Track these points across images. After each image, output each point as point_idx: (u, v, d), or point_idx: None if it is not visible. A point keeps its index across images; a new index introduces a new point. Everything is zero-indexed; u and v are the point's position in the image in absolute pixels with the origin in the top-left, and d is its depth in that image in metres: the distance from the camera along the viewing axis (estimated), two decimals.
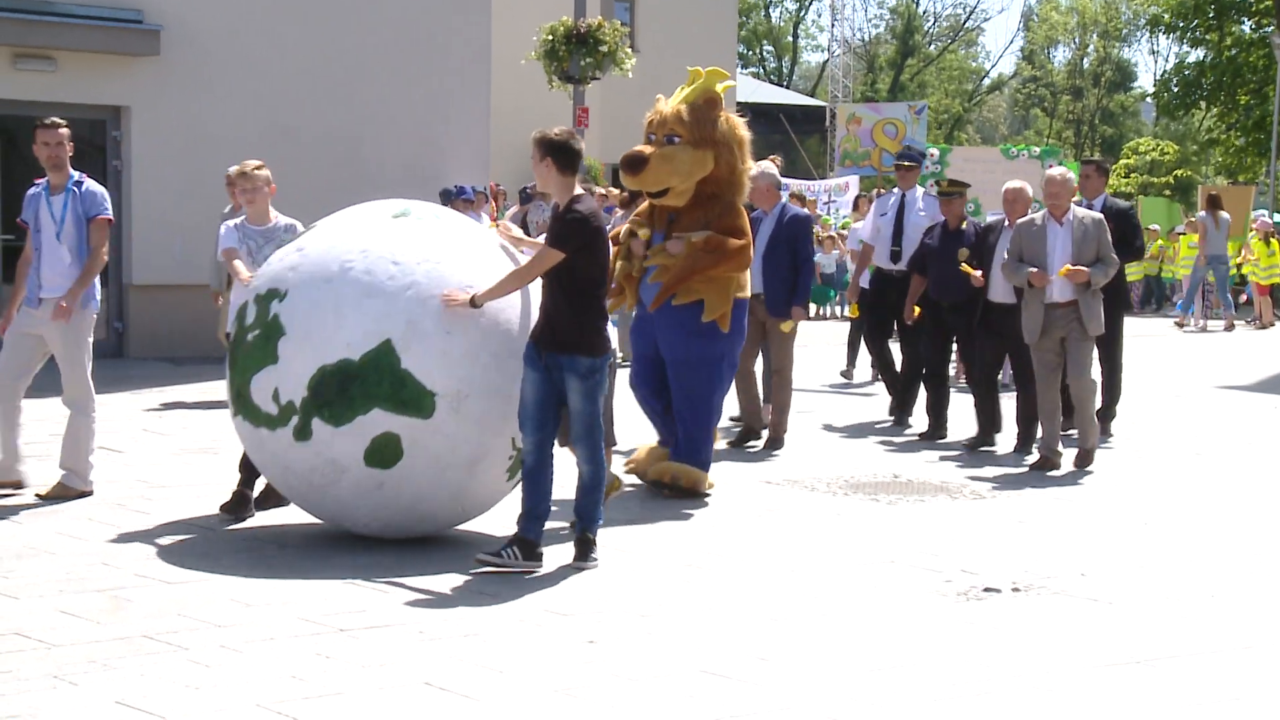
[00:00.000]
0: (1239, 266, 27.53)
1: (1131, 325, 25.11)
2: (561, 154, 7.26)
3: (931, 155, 19.61)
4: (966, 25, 70.99)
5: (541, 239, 7.81)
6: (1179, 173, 52.57)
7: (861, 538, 8.22)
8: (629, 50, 21.35)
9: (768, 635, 6.21)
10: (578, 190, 7.33)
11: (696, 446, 9.26)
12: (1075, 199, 10.84)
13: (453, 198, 17.35)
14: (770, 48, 70.34)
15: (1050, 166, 20.41)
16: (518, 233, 8.24)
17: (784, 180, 31.31)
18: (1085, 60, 68.78)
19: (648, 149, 9.20)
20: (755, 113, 39.27)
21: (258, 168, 8.84)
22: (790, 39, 70.27)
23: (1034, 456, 10.68)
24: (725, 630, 6.27)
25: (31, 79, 15.90)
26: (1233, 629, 6.48)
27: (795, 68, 71.12)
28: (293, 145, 17.00)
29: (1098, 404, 11.63)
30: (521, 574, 7.09)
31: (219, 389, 9.56)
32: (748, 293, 9.59)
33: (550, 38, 20.49)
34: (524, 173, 24.69)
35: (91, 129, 16.73)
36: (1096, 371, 10.96)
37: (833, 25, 65.97)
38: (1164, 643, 6.22)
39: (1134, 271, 28.28)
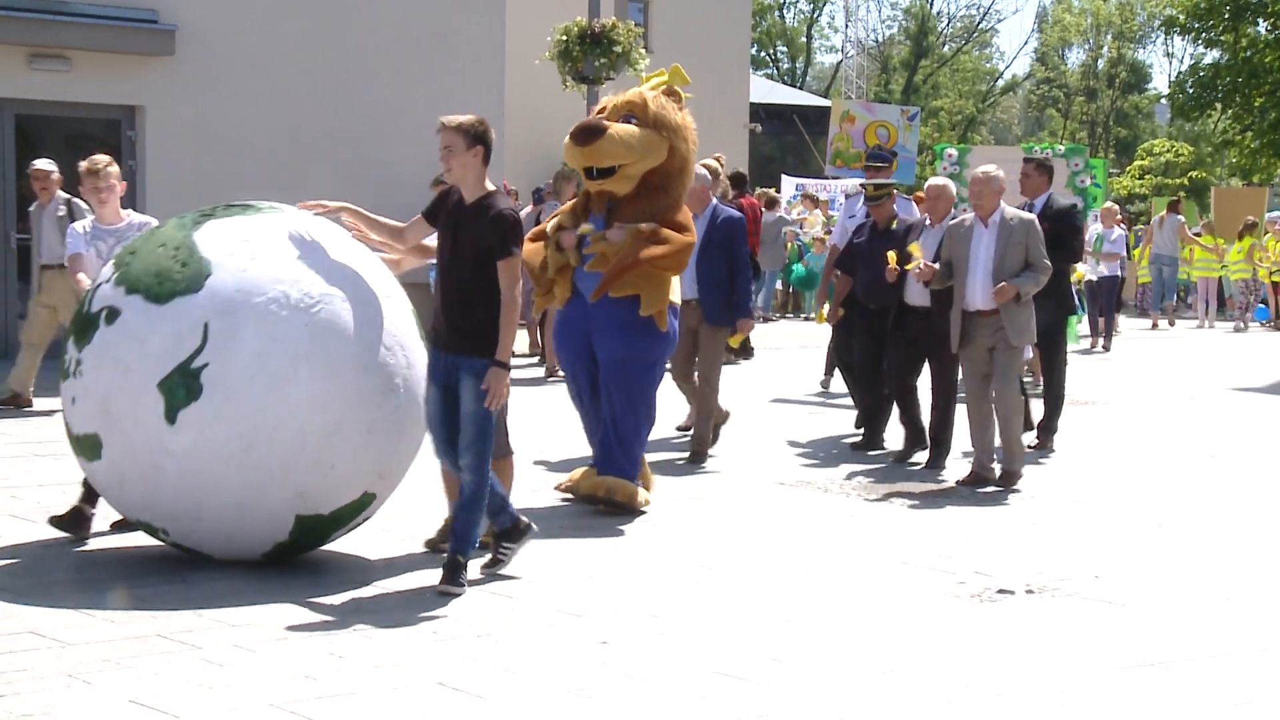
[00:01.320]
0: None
1: (1140, 326, 25.15)
2: (487, 144, 6.90)
3: (950, 156, 19.34)
4: (980, 26, 70.92)
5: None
6: (1194, 174, 52.44)
7: (875, 539, 8.21)
8: (643, 51, 21.33)
9: (781, 636, 6.20)
10: (490, 185, 6.97)
11: (632, 457, 8.81)
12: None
13: None
14: (784, 48, 70.30)
15: (1075, 165, 20.07)
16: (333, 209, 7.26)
17: (798, 180, 31.12)
18: (1099, 61, 68.64)
19: (605, 121, 8.74)
20: (769, 113, 39.52)
21: (108, 164, 8.24)
22: (804, 40, 70.23)
23: (949, 471, 10.26)
24: (738, 631, 6.27)
25: (47, 78, 15.94)
26: (1248, 631, 6.46)
27: (809, 69, 71.06)
28: (307, 145, 17.04)
29: (1038, 417, 11.33)
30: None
31: None
32: (679, 298, 9.11)
33: (564, 38, 20.49)
34: (537, 173, 24.74)
35: (106, 128, 16.78)
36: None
37: (846, 26, 66.12)
38: (1179, 645, 6.20)
39: (1146, 273, 28.22)
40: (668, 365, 9.52)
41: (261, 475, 6.71)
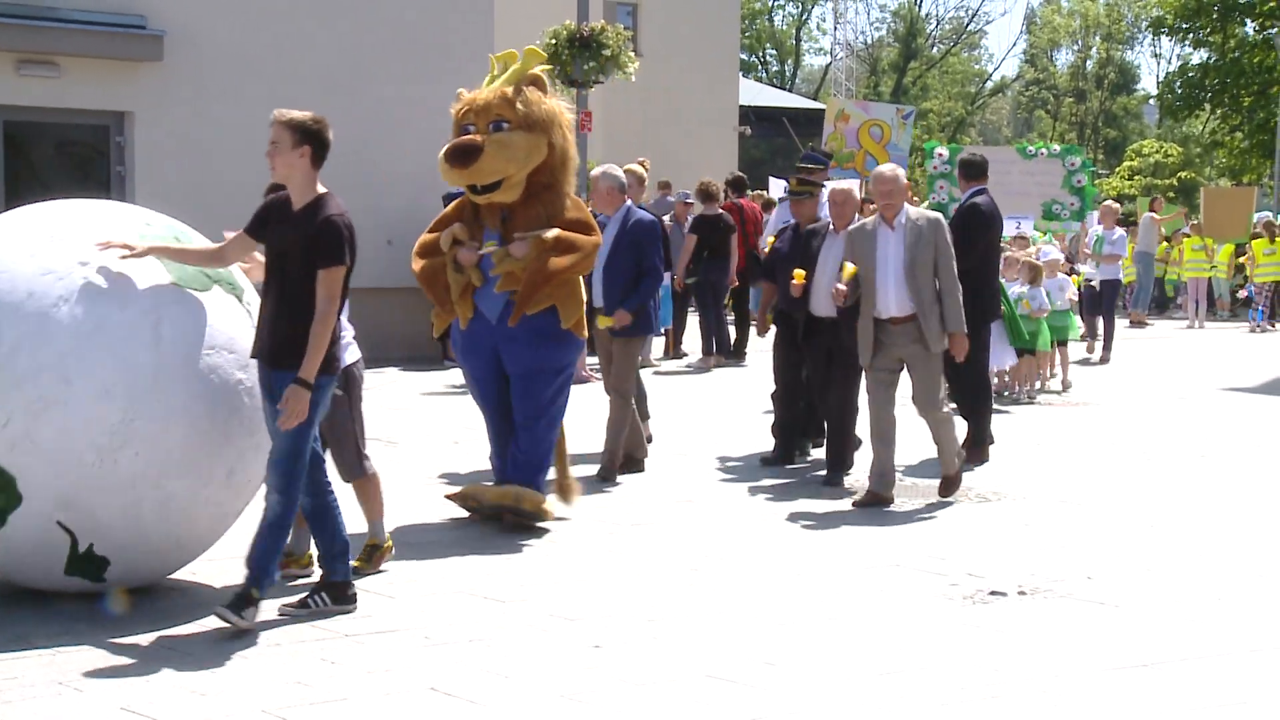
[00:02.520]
0: (1239, 268, 27.56)
1: (1122, 324, 25.16)
2: (319, 143, 6.35)
3: (940, 155, 19.23)
4: (969, 28, 71.00)
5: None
6: (1183, 175, 52.57)
7: (867, 541, 8.21)
8: (632, 54, 21.37)
9: (774, 639, 6.20)
10: (321, 188, 6.40)
11: (539, 465, 8.40)
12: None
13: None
14: (773, 51, 70.36)
15: (1072, 164, 19.88)
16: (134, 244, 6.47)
17: (786, 182, 31.08)
18: (1088, 63, 68.78)
19: (478, 137, 8.19)
20: (758, 116, 39.54)
21: None
22: (793, 42, 70.29)
23: (847, 489, 9.67)
24: (731, 634, 6.26)
25: (35, 85, 15.90)
26: (1240, 632, 6.46)
27: (798, 71, 71.13)
28: None
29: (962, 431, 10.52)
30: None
31: None
32: (585, 299, 8.71)
33: (553, 41, 20.51)
34: None
35: (95, 134, 16.74)
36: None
37: (835, 28, 66.27)
38: (1171, 646, 6.20)
39: (1134, 273, 28.27)
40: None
41: (208, 541, 6.85)
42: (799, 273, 9.80)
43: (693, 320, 19.04)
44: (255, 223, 6.50)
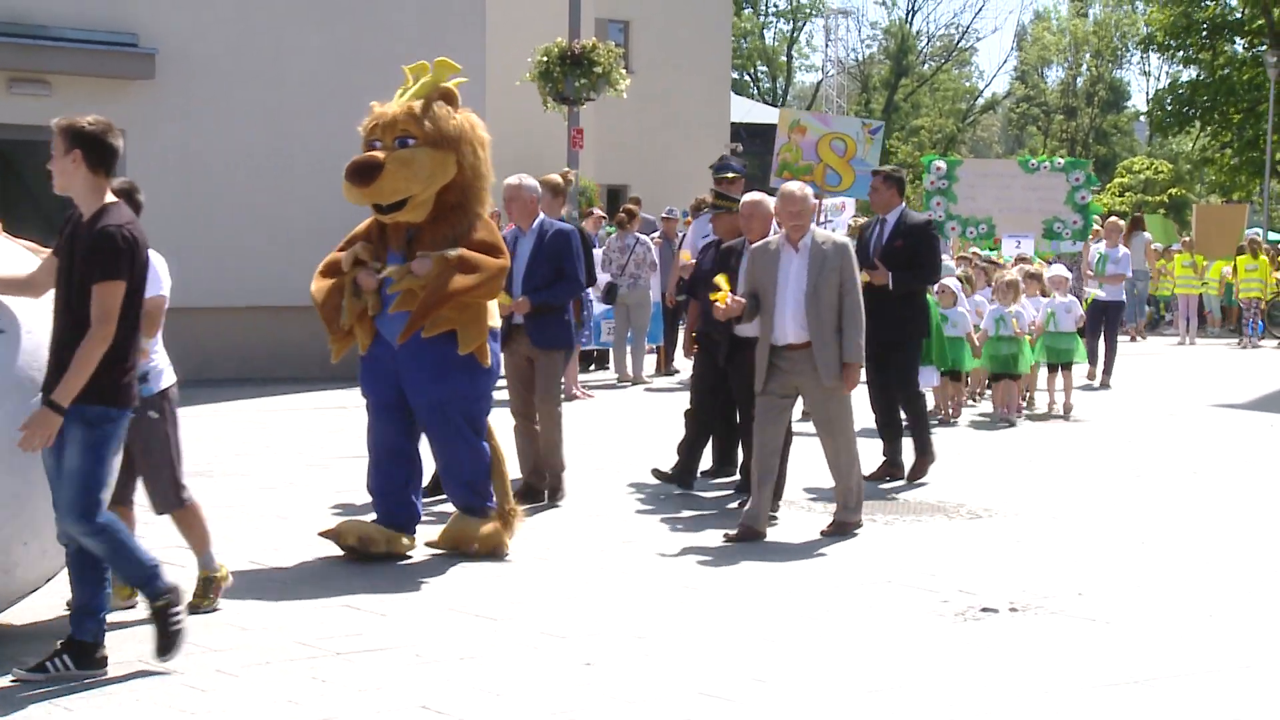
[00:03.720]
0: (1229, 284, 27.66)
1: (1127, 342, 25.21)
2: (94, 147, 5.86)
3: (938, 169, 18.98)
4: (960, 45, 71.21)
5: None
6: (1173, 191, 52.72)
7: (858, 558, 8.21)
8: (623, 71, 21.43)
9: (765, 656, 6.20)
10: (110, 197, 5.94)
11: (482, 494, 8.05)
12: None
13: None
14: (764, 68, 70.52)
15: (1076, 179, 19.61)
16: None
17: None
18: (1078, 80, 69.00)
19: (380, 154, 7.80)
20: (749, 133, 39.60)
21: None
22: (784, 59, 70.45)
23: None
24: (722, 651, 6.26)
25: (26, 103, 15.91)
26: (1231, 648, 6.46)
27: (789, 88, 71.28)
28: (291, 166, 17.03)
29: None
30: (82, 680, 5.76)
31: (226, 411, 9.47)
32: (497, 323, 8.25)
33: (545, 59, 20.57)
34: None
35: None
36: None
37: (826, 45, 66.45)
38: (1162, 662, 6.21)
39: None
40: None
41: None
42: (718, 293, 8.90)
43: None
44: (59, 240, 5.97)
